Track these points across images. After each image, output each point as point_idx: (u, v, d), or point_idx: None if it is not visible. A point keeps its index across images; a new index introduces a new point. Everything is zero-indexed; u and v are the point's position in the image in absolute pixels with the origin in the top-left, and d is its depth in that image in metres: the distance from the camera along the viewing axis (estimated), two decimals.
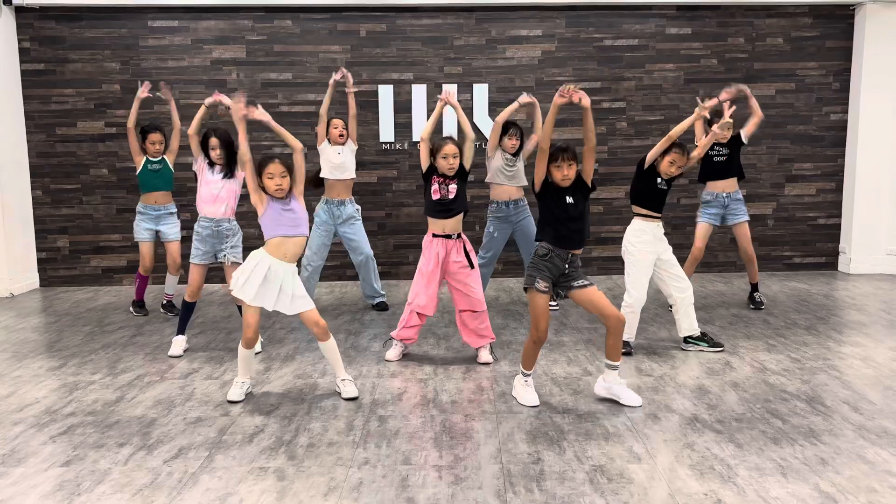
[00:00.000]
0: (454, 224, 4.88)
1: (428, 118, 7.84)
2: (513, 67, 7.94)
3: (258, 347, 5.22)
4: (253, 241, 7.41)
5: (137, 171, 6.27)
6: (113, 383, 4.57)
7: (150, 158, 6.26)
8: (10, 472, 3.31)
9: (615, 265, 8.13)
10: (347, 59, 7.84)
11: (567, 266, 3.97)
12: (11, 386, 4.55)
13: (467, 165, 4.87)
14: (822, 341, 5.36)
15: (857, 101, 7.93)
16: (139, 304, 6.55)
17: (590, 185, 4.08)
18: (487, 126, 7.90)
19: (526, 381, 4.16)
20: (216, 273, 6.71)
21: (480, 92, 7.90)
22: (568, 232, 3.97)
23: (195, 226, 5.19)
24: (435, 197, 4.84)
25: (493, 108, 7.92)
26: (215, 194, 5.12)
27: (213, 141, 5.15)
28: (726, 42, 8.00)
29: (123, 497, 3.06)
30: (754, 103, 6.14)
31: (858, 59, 7.93)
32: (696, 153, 5.14)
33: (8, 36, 7.54)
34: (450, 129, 7.92)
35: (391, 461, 3.37)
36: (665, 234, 5.04)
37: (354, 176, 6.51)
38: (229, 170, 5.17)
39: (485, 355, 4.94)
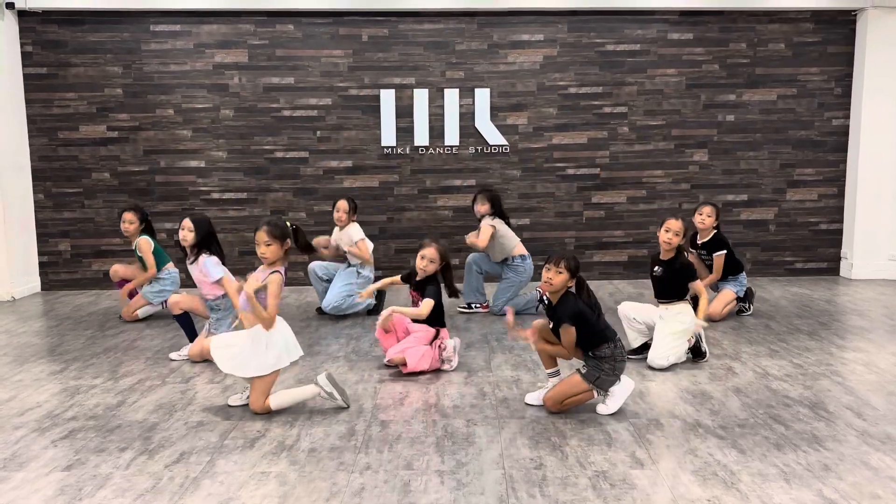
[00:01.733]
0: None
1: (429, 125, 7.88)
2: (515, 72, 7.94)
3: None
4: None
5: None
6: (114, 387, 4.56)
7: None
8: (11, 477, 3.30)
9: (617, 269, 8.13)
10: (349, 63, 7.85)
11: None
12: (13, 390, 4.54)
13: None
14: (824, 347, 5.35)
15: (859, 107, 7.94)
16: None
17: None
18: (489, 131, 7.92)
19: (546, 384, 4.22)
20: None
21: (482, 96, 7.90)
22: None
23: None
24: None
25: (495, 113, 7.94)
26: (199, 281, 5.16)
27: (186, 223, 5.10)
28: (728, 47, 8.00)
29: (125, 501, 3.05)
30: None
31: (860, 65, 7.93)
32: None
33: (10, 40, 7.55)
34: (451, 134, 7.95)
35: (393, 466, 3.36)
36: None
37: (348, 249, 6.38)
38: (196, 256, 5.11)
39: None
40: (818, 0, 7.82)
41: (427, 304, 4.82)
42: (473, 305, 6.64)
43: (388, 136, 7.94)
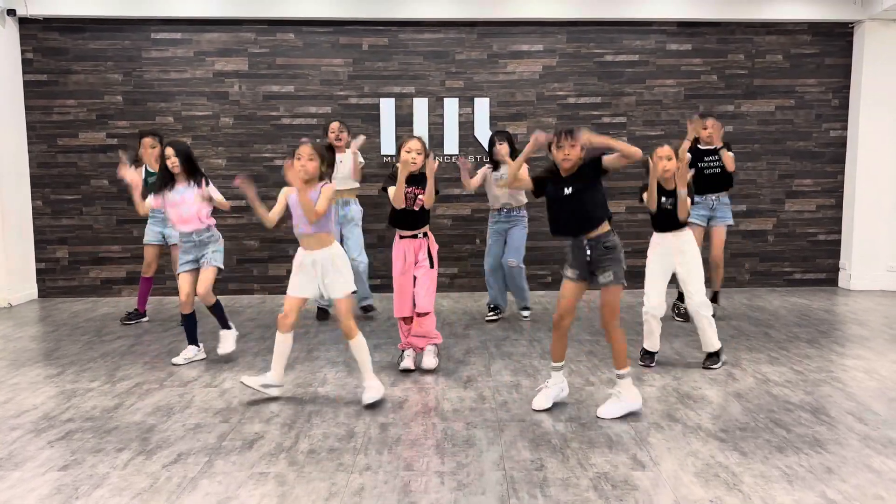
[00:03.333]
0: (419, 230, 4.96)
1: (428, 131, 7.91)
2: (514, 82, 7.97)
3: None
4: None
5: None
6: (111, 390, 4.53)
7: (149, 169, 6.25)
8: (7, 476, 3.26)
9: None
10: (349, 72, 7.88)
11: (589, 253, 3.93)
12: (9, 392, 4.51)
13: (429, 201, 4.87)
14: (824, 354, 5.34)
15: (857, 118, 7.97)
16: (133, 314, 6.53)
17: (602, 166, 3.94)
18: (488, 140, 7.91)
19: (546, 384, 4.19)
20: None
21: (481, 106, 7.93)
22: (563, 219, 4.00)
23: (178, 240, 5.28)
24: (398, 206, 4.87)
25: (494, 123, 7.95)
26: (184, 216, 5.10)
27: (169, 150, 5.10)
28: (726, 58, 8.05)
29: (122, 501, 3.01)
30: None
31: (857, 76, 7.98)
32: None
33: (11, 46, 7.57)
34: (450, 142, 7.96)
35: (393, 467, 3.34)
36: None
37: (355, 186, 6.55)
38: (193, 181, 5.13)
39: (428, 360, 4.94)
40: (816, 12, 7.87)
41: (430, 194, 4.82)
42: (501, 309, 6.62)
43: (388, 145, 7.95)
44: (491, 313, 6.56)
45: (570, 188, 3.96)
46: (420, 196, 4.85)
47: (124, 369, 5.02)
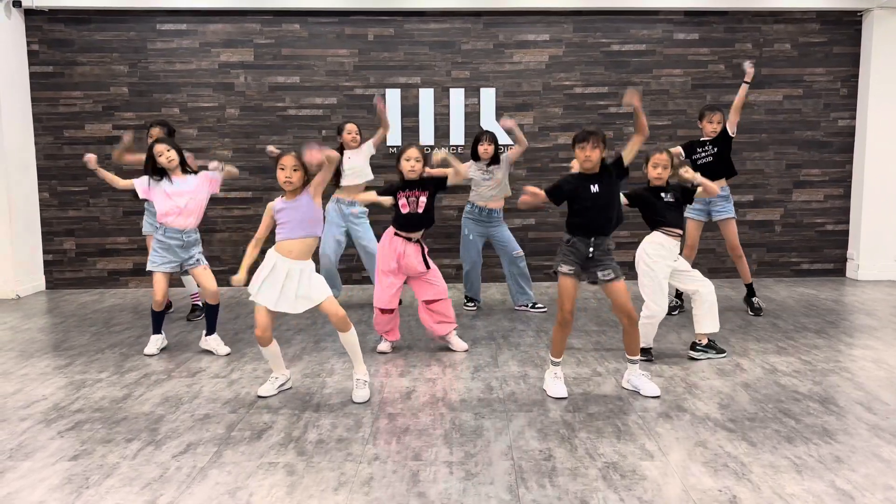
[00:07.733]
0: (417, 234, 5.15)
1: (434, 122, 7.89)
2: (520, 72, 7.94)
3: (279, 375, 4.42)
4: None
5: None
6: (120, 381, 4.55)
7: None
8: (17, 466, 3.28)
9: (622, 270, 8.08)
10: (355, 62, 7.85)
11: (592, 251, 4.12)
12: (18, 383, 4.53)
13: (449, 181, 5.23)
14: (832, 344, 5.33)
15: (865, 107, 7.92)
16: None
17: (625, 166, 4.20)
18: (494, 131, 7.86)
19: (555, 373, 4.24)
20: (223, 277, 6.69)
21: (488, 96, 7.90)
22: (590, 220, 4.12)
23: (157, 235, 5.12)
24: (404, 211, 5.05)
25: (500, 113, 7.92)
26: (181, 206, 5.04)
27: (159, 147, 5.03)
28: (734, 48, 7.99)
29: (132, 490, 3.03)
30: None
31: (866, 65, 7.92)
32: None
33: (17, 38, 7.57)
34: (456, 133, 7.95)
35: (401, 457, 3.34)
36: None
37: (371, 177, 6.60)
38: (189, 170, 5.16)
39: (457, 342, 5.24)
40: (824, 0, 7.81)
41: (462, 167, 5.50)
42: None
43: (394, 136, 7.93)
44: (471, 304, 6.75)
45: (597, 186, 4.10)
46: (422, 199, 5.05)
47: (132, 360, 5.04)
